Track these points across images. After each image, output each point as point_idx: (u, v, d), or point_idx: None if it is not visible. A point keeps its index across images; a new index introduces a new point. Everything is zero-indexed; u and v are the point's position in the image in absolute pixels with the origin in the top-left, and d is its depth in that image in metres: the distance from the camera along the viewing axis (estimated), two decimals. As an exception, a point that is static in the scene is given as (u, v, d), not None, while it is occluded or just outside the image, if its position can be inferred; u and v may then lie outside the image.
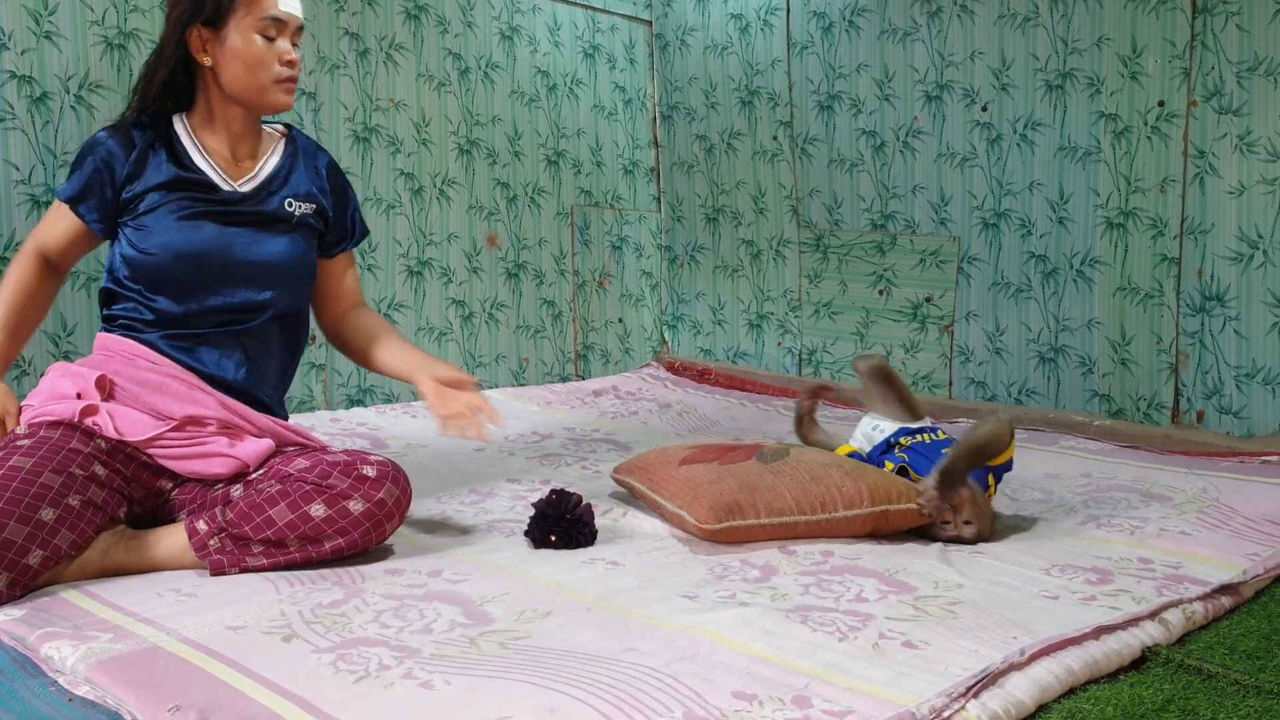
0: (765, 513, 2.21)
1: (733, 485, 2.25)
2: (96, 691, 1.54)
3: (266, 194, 2.28)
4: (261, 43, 2.17)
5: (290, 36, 2.21)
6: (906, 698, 1.46)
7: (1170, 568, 2.06)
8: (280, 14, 2.18)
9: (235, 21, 2.15)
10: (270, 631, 1.72)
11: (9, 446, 1.99)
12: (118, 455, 2.10)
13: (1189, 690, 1.58)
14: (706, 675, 1.54)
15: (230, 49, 2.17)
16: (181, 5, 2.17)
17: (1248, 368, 3.14)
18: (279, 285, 2.29)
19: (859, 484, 2.26)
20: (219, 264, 2.20)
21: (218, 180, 2.23)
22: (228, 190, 2.24)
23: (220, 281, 2.21)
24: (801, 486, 2.25)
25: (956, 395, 3.80)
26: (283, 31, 2.19)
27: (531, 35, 4.21)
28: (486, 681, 1.53)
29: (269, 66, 2.19)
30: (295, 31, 2.23)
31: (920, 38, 3.79)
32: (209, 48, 2.18)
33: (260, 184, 2.29)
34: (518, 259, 4.20)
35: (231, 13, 2.15)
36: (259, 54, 2.17)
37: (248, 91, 2.20)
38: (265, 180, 2.30)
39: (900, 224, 3.91)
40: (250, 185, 2.27)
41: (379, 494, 2.04)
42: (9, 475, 1.90)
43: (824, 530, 2.24)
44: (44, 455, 1.97)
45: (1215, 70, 3.14)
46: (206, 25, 2.16)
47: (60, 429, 2.06)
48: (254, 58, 2.17)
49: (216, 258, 2.20)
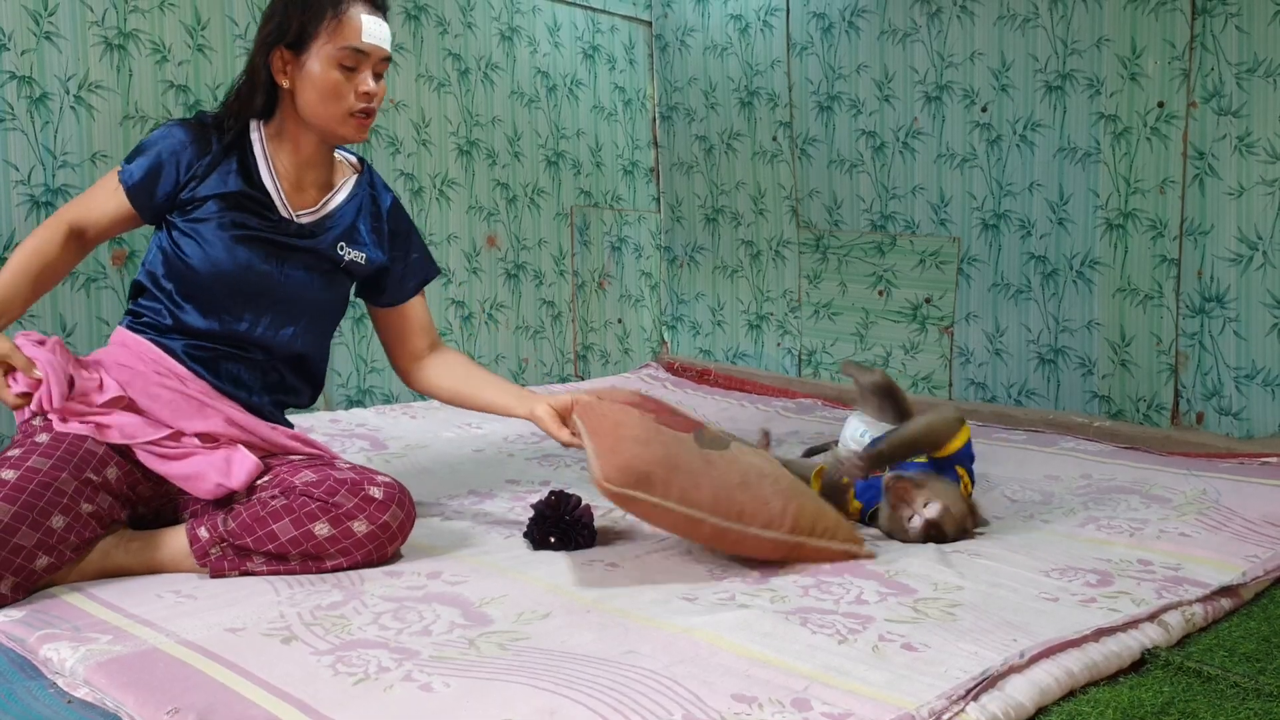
0: (676, 497, 1.97)
1: (657, 454, 2.01)
2: (95, 693, 1.54)
3: (323, 230, 2.26)
4: (340, 73, 2.13)
5: (373, 67, 2.17)
6: (906, 700, 1.46)
7: (1170, 569, 2.06)
8: (363, 45, 2.13)
9: (317, 48, 2.12)
10: (269, 633, 1.72)
11: (28, 444, 1.98)
12: (130, 455, 2.10)
13: (1188, 693, 1.58)
14: (706, 677, 1.54)
15: (308, 74, 2.13)
16: (269, 26, 2.15)
17: (1247, 369, 3.14)
18: (304, 322, 2.27)
19: (787, 506, 2.04)
20: (254, 291, 2.18)
21: (279, 204, 2.21)
22: (285, 218, 2.22)
23: (249, 308, 2.20)
24: (726, 487, 2.02)
25: (956, 396, 3.79)
26: (364, 63, 2.15)
27: (531, 36, 4.21)
28: (486, 684, 1.53)
29: (344, 98, 2.15)
30: (380, 63, 2.18)
31: (920, 38, 3.79)
32: (289, 70, 2.15)
33: (319, 220, 2.26)
34: (517, 259, 4.20)
35: (314, 38, 2.12)
36: (335, 84, 2.13)
37: (319, 120, 2.17)
38: (325, 217, 2.27)
39: (900, 225, 3.91)
40: (310, 218, 2.25)
41: (384, 516, 2.04)
42: (25, 478, 1.89)
43: (730, 541, 2.02)
44: (61, 457, 1.96)
45: (1215, 71, 3.14)
46: (289, 48, 2.13)
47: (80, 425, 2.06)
48: (329, 87, 2.13)
49: (253, 285, 2.18)
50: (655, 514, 1.99)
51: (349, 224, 2.31)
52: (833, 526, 2.07)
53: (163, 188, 2.17)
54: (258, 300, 2.19)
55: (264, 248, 2.19)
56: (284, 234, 2.21)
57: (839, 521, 2.10)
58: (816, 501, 2.12)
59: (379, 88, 2.19)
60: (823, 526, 2.06)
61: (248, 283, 2.17)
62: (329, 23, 2.11)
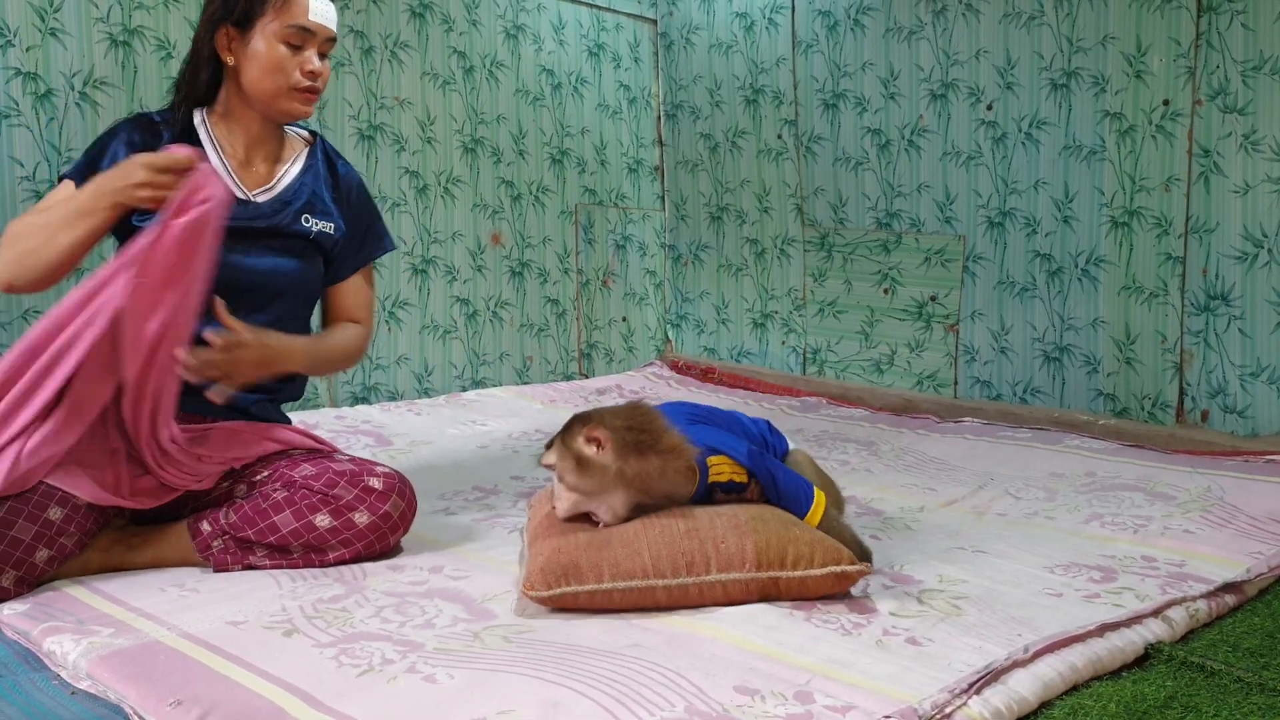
0: (610, 575, 1.78)
1: (580, 539, 1.83)
2: (98, 686, 1.54)
3: (283, 206, 2.23)
4: (285, 50, 2.13)
5: (318, 47, 2.17)
6: (909, 693, 1.46)
7: (1174, 566, 2.06)
8: (308, 24, 2.13)
9: (262, 25, 2.12)
10: (271, 626, 1.73)
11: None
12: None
13: (1192, 687, 1.58)
14: (708, 670, 1.54)
15: (253, 51, 2.13)
16: (215, 3, 2.15)
17: (1252, 367, 3.13)
18: (282, 306, 2.23)
19: (744, 541, 1.81)
20: (220, 280, 2.06)
21: (231, 187, 2.15)
22: (240, 198, 2.17)
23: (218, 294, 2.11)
24: (668, 540, 1.81)
25: (961, 395, 3.79)
26: (309, 42, 2.15)
27: (536, 34, 4.21)
28: (489, 675, 1.53)
29: (288, 73, 2.14)
30: (325, 42, 2.18)
31: (925, 36, 3.79)
32: (234, 47, 2.15)
33: (276, 195, 2.23)
34: (522, 257, 4.20)
35: (260, 16, 2.12)
36: (279, 60, 2.13)
37: (263, 96, 2.16)
38: (282, 192, 2.24)
39: (905, 223, 3.90)
40: (266, 196, 2.22)
41: (385, 507, 2.04)
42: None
43: (692, 598, 1.80)
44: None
45: (1220, 69, 3.13)
46: (235, 25, 2.13)
47: None
48: (273, 63, 2.13)
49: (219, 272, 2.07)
50: (596, 600, 1.79)
51: (309, 195, 2.27)
52: (808, 552, 1.82)
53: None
54: (224, 291, 2.07)
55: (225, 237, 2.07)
56: (243, 218, 2.16)
57: (815, 543, 1.84)
58: (785, 528, 1.85)
59: (324, 67, 2.18)
60: (795, 555, 1.81)
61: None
62: (275, 0, 2.12)
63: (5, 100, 2.88)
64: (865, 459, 2.98)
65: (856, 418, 3.60)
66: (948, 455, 3.00)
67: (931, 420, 3.52)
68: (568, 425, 1.93)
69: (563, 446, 1.91)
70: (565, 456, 1.90)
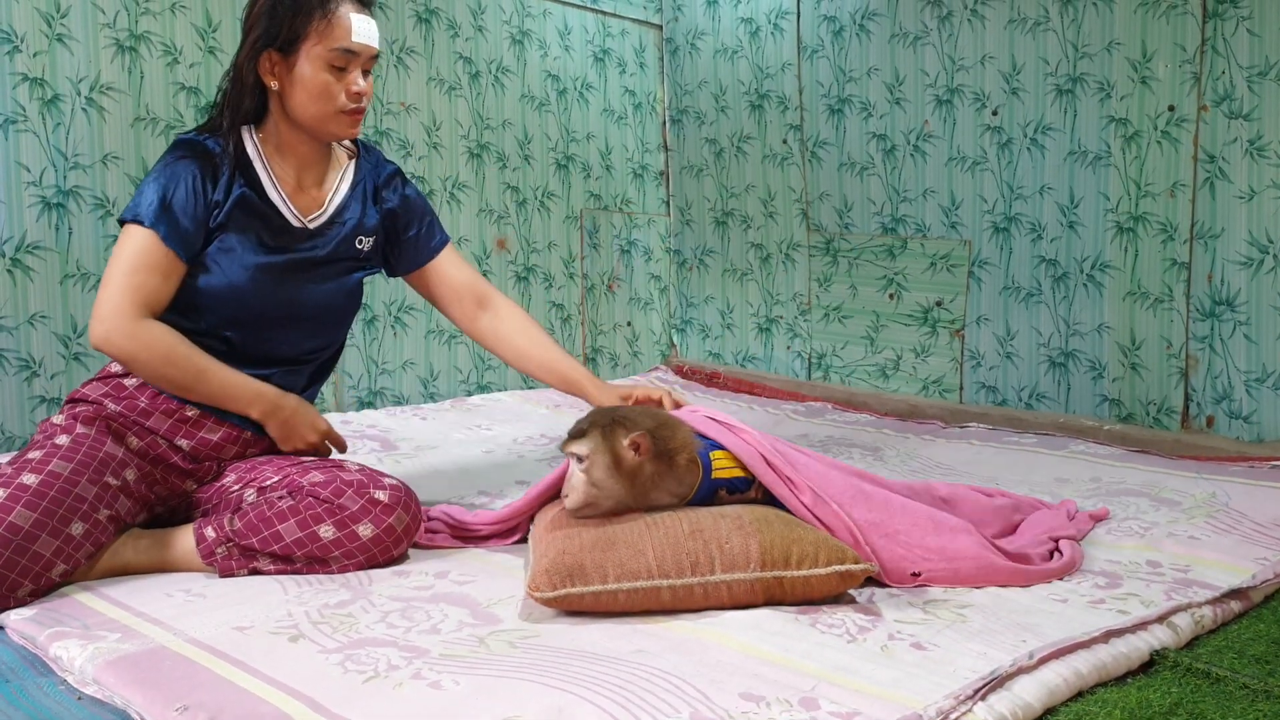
0: (615, 576, 1.78)
1: (588, 539, 1.84)
2: (104, 691, 1.54)
3: (336, 227, 2.26)
4: (329, 73, 2.11)
5: (363, 65, 2.15)
6: (914, 699, 1.46)
7: (1179, 571, 2.06)
8: (353, 45, 2.11)
9: (306, 49, 2.10)
10: (277, 632, 1.73)
11: (49, 447, 1.99)
12: (148, 456, 2.11)
13: (1197, 694, 1.58)
14: (713, 676, 1.54)
15: (297, 76, 2.12)
16: (258, 29, 2.12)
17: (1258, 372, 3.13)
18: (335, 329, 2.32)
19: (749, 541, 1.82)
20: (284, 314, 2.20)
21: (286, 213, 2.20)
22: (297, 227, 2.21)
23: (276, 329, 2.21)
24: (672, 541, 1.82)
25: (967, 400, 3.79)
26: (353, 63, 2.13)
27: (542, 39, 4.22)
28: (495, 681, 1.53)
29: (334, 98, 2.13)
30: (369, 60, 2.16)
31: (931, 42, 3.79)
32: (277, 72, 2.14)
33: (329, 218, 2.26)
34: (527, 262, 4.21)
35: (304, 40, 2.10)
36: (324, 84, 2.12)
37: (310, 121, 2.16)
38: (334, 214, 2.27)
39: (910, 228, 3.90)
40: (319, 221, 2.24)
41: (389, 520, 2.04)
42: (47, 483, 1.90)
43: (697, 598, 1.80)
44: (81, 460, 1.97)
45: (1226, 75, 3.13)
46: (279, 50, 2.12)
47: (96, 425, 2.07)
48: (319, 88, 2.12)
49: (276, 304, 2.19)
50: (601, 601, 1.79)
51: (358, 212, 2.31)
52: (812, 551, 1.82)
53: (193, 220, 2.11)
54: (285, 322, 2.21)
55: (283, 260, 2.19)
56: (304, 249, 2.21)
57: (820, 542, 1.84)
58: (789, 528, 1.86)
59: (368, 85, 2.18)
60: (799, 554, 1.81)
61: (269, 301, 2.17)
62: (318, 24, 2.09)
63: (12, 106, 2.88)
64: (870, 464, 2.98)
65: (862, 423, 3.60)
66: (953, 461, 3.00)
67: (937, 425, 3.51)
68: (607, 421, 1.94)
69: (601, 441, 1.91)
70: (602, 452, 1.91)
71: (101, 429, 2.07)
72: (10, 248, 2.89)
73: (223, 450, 2.18)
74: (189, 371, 2.08)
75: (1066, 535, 2.17)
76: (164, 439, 2.13)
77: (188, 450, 2.15)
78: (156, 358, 2.06)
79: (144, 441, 2.11)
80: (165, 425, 2.13)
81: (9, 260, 2.89)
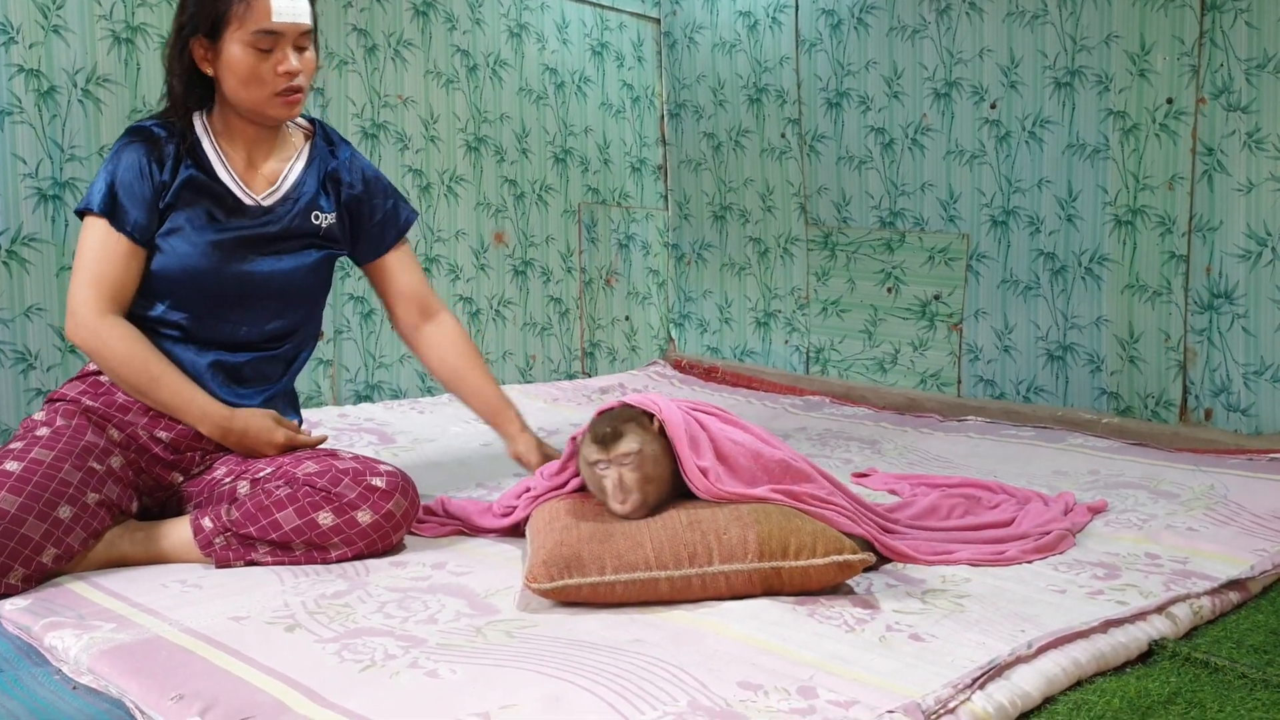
0: (613, 568, 1.77)
1: (583, 532, 1.83)
2: (99, 681, 1.54)
3: (292, 205, 2.23)
4: (255, 56, 2.08)
5: (292, 43, 2.11)
6: (912, 689, 1.46)
7: (1178, 563, 2.05)
8: (274, 26, 2.06)
9: (230, 34, 2.07)
10: (273, 622, 1.73)
11: (29, 438, 1.99)
12: (131, 446, 2.11)
13: (1196, 684, 1.58)
14: (711, 666, 1.54)
15: (225, 62, 2.09)
16: (183, 16, 2.11)
17: (1256, 365, 3.13)
18: (301, 309, 2.29)
19: (746, 532, 1.81)
20: (241, 291, 2.18)
21: (237, 192, 2.18)
22: (250, 204, 2.19)
23: (235, 307, 2.19)
24: (670, 532, 1.82)
25: (965, 393, 3.79)
26: (280, 42, 2.09)
27: (540, 32, 4.21)
28: (492, 670, 1.53)
29: (265, 81, 2.10)
30: (299, 37, 2.11)
31: (929, 35, 3.78)
32: (209, 58, 2.12)
33: (284, 195, 2.23)
34: (525, 256, 4.20)
35: (227, 25, 2.06)
36: (252, 68, 2.08)
37: (246, 104, 2.14)
38: (289, 191, 2.24)
39: (909, 221, 3.90)
40: (273, 199, 2.22)
41: (388, 505, 2.04)
42: (30, 469, 1.90)
43: (695, 590, 1.79)
44: (64, 448, 1.97)
45: (1224, 67, 3.13)
46: (206, 37, 2.09)
47: (76, 418, 2.07)
48: (247, 72, 2.09)
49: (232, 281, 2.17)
50: (599, 592, 1.78)
51: (315, 190, 2.28)
52: (810, 542, 1.81)
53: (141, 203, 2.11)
54: (244, 300, 2.19)
55: (237, 239, 2.17)
56: (256, 225, 2.19)
57: (818, 534, 1.83)
58: (787, 519, 1.85)
59: (302, 62, 2.13)
60: (798, 545, 1.80)
61: (226, 280, 2.16)
62: (238, 7, 2.06)
63: (8, 97, 2.88)
64: (869, 457, 2.98)
65: (860, 417, 3.59)
66: (951, 454, 3.00)
67: (935, 419, 3.51)
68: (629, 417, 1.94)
69: (643, 433, 1.91)
70: (651, 443, 1.92)
71: (82, 420, 2.07)
72: (6, 240, 2.88)
73: (204, 441, 2.16)
74: (143, 376, 2.08)
75: (1062, 528, 2.17)
76: (144, 430, 2.13)
77: (168, 441, 2.14)
78: (115, 357, 2.07)
79: (125, 433, 2.11)
80: (144, 419, 2.13)
81: (5, 252, 2.88)
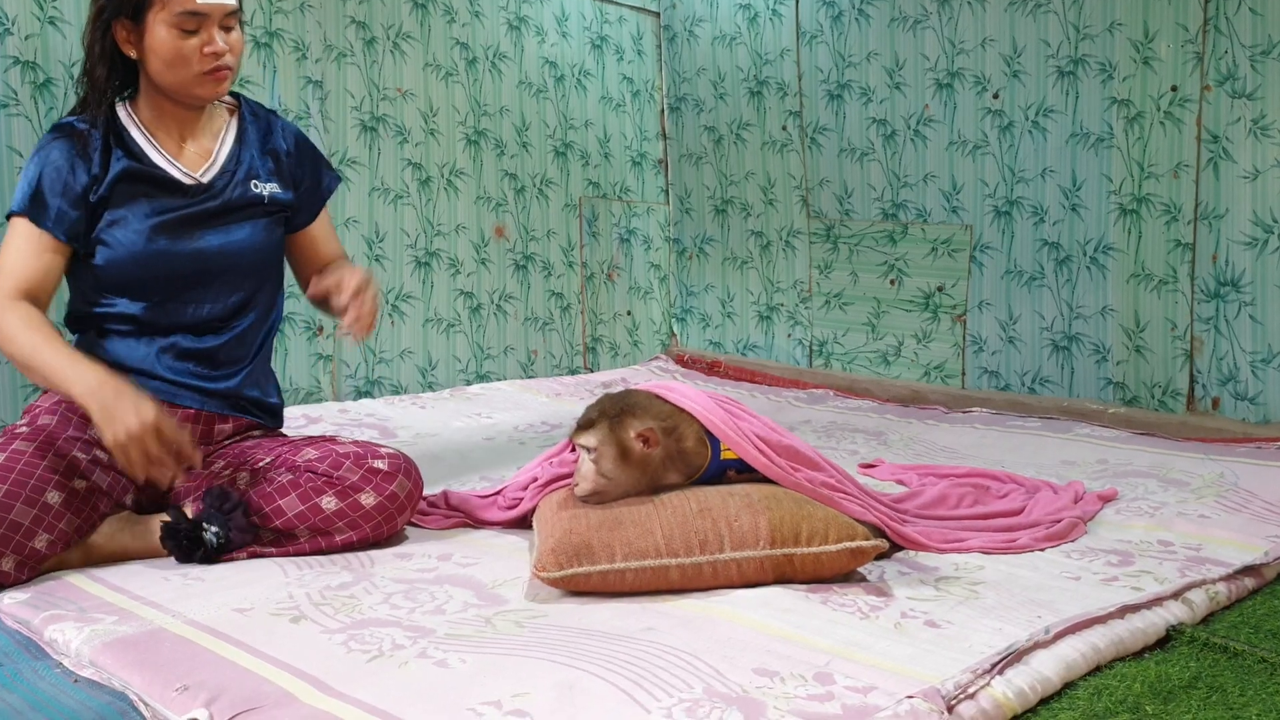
0: (623, 555, 1.75)
1: (592, 519, 1.82)
2: (102, 673, 1.52)
3: (229, 177, 2.19)
4: (180, 37, 2.03)
5: (218, 23, 2.06)
6: (930, 674, 1.44)
7: (1191, 550, 2.04)
8: (198, 7, 2.02)
9: (154, 15, 2.03)
10: (278, 613, 1.71)
11: (9, 434, 1.98)
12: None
13: (1215, 668, 1.56)
14: (725, 653, 1.52)
15: (150, 44, 2.05)
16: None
17: (1263, 353, 3.11)
18: (255, 280, 2.24)
19: (758, 519, 1.79)
20: (192, 270, 2.14)
21: (176, 174, 2.14)
22: (189, 184, 2.15)
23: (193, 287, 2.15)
24: (681, 519, 1.80)
25: (970, 385, 3.76)
26: (205, 23, 2.04)
27: (539, 26, 4.19)
28: (502, 659, 1.51)
29: (190, 62, 2.05)
30: (225, 18, 2.07)
31: (931, 25, 3.76)
32: (133, 40, 2.07)
33: (220, 169, 2.19)
34: (526, 250, 4.18)
35: (150, 6, 2.02)
36: (177, 49, 2.04)
37: (172, 87, 2.09)
38: (225, 163, 2.20)
39: (911, 213, 3.88)
40: (210, 174, 2.18)
41: (391, 487, 2.02)
42: (12, 459, 1.89)
43: (706, 577, 1.77)
44: (45, 440, 1.96)
45: (1228, 54, 3.11)
46: (129, 19, 2.05)
47: (58, 416, 2.04)
48: (172, 54, 2.04)
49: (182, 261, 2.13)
50: (608, 581, 1.76)
51: (250, 160, 2.24)
52: (822, 528, 1.80)
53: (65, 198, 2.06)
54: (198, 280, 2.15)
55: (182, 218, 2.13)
56: (196, 202, 2.15)
57: (830, 520, 1.82)
58: (798, 505, 1.85)
59: (228, 43, 2.08)
60: (809, 531, 1.79)
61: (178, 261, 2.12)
62: None
63: (4, 89, 2.85)
64: (875, 448, 2.96)
65: (864, 409, 3.57)
66: (957, 444, 2.98)
67: (939, 411, 3.49)
68: (616, 412, 1.93)
69: (609, 434, 1.91)
70: (609, 444, 1.90)
71: (63, 417, 2.04)
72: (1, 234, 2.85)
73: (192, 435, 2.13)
74: (25, 348, 1.96)
75: (1073, 516, 2.16)
76: None
77: None
78: (3, 338, 1.99)
79: None
80: None
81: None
